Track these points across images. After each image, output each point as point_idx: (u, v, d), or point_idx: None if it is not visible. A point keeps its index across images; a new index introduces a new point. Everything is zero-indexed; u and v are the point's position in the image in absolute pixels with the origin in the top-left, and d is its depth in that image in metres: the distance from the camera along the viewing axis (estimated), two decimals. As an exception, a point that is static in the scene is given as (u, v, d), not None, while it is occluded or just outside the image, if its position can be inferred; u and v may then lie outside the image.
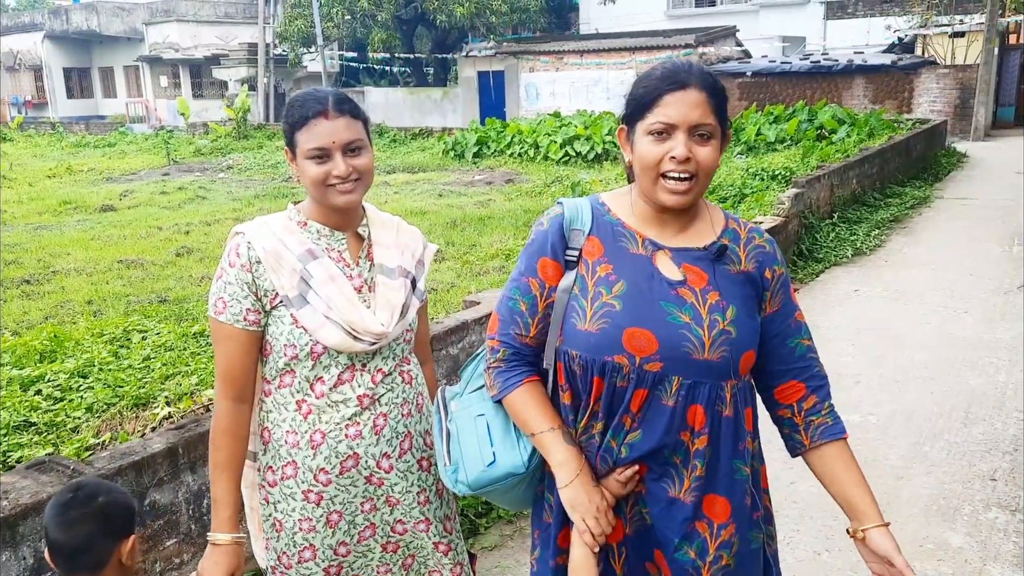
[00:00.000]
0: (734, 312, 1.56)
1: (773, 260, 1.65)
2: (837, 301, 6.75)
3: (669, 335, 1.53)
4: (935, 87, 20.39)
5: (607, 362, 1.54)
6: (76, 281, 7.28)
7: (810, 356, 1.67)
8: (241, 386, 1.82)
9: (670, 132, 1.53)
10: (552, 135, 15.93)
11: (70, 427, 3.73)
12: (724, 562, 1.59)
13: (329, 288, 1.79)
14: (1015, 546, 3.23)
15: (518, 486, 1.67)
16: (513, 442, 1.65)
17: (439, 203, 11.14)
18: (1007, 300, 6.61)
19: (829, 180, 9.24)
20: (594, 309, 1.57)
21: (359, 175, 1.80)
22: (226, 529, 1.81)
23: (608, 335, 1.54)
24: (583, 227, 1.64)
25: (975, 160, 15.36)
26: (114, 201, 12.31)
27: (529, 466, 1.63)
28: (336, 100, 1.79)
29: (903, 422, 4.38)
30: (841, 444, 1.65)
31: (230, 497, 1.82)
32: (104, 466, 2.32)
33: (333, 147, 1.76)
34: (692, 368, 1.53)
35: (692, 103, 1.52)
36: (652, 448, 1.56)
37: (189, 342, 5.03)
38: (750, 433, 1.63)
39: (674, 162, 1.51)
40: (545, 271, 1.64)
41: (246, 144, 20.92)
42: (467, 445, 1.67)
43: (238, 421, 1.83)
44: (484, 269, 7.22)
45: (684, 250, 1.61)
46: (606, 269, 1.60)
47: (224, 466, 1.82)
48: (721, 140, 1.57)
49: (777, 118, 15.52)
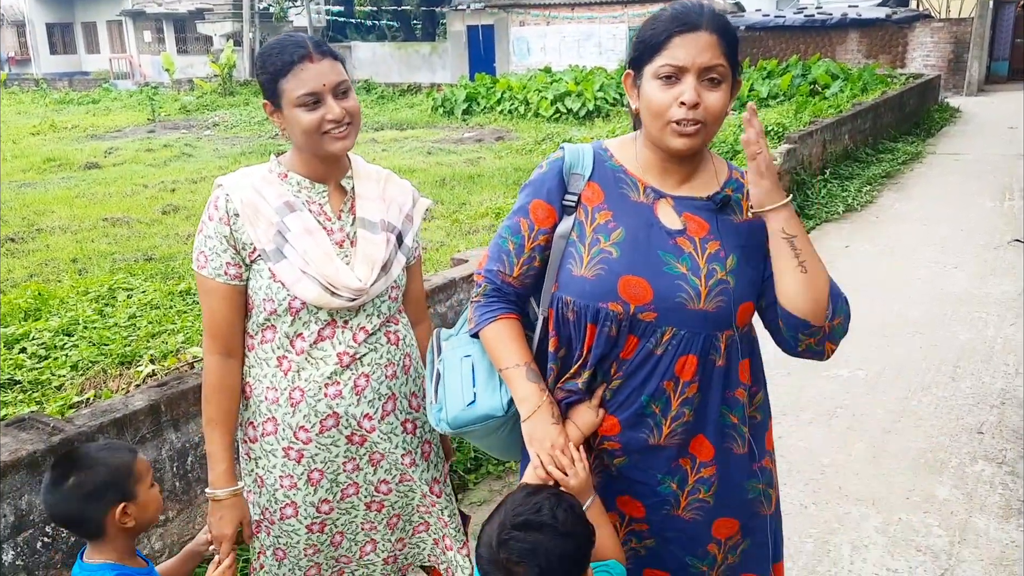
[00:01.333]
0: (734, 262, 1.53)
1: None
2: (827, 258, 6.72)
3: (665, 285, 1.51)
4: (929, 41, 20.20)
5: (601, 308, 1.52)
6: (61, 239, 7.20)
7: None
8: (228, 341, 1.79)
9: (679, 76, 1.47)
10: (543, 91, 15.72)
11: (55, 385, 3.70)
12: (701, 495, 1.60)
13: (306, 241, 1.74)
14: (1001, 498, 3.25)
15: (499, 430, 1.66)
16: (495, 385, 1.63)
17: (428, 161, 11.03)
18: (998, 255, 6.60)
19: (821, 136, 9.17)
20: (591, 255, 1.54)
21: (351, 118, 1.74)
22: (224, 483, 1.79)
23: (603, 281, 1.52)
24: (583, 172, 1.60)
25: (968, 115, 15.28)
26: (99, 158, 12.14)
27: (508, 411, 1.61)
28: (316, 43, 1.72)
29: (892, 377, 4.39)
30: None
31: (225, 452, 1.80)
32: (85, 423, 2.29)
33: (324, 90, 1.69)
34: (687, 318, 1.51)
35: (703, 45, 1.45)
36: (630, 394, 1.55)
37: (175, 300, 4.98)
38: (743, 384, 1.60)
39: (683, 108, 1.46)
40: (536, 213, 1.61)
41: (232, 101, 20.60)
42: (451, 384, 1.67)
43: (228, 376, 1.80)
44: (474, 228, 7.16)
45: (686, 199, 1.58)
46: (605, 216, 1.57)
47: (217, 421, 1.80)
48: (732, 86, 1.52)
49: (770, 73, 15.37)
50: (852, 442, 3.71)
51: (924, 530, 3.06)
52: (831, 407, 4.05)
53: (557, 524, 1.39)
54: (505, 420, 1.63)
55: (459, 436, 1.70)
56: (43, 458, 2.15)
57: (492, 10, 26.30)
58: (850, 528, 3.09)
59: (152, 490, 1.68)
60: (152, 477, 1.70)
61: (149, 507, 1.67)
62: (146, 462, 1.70)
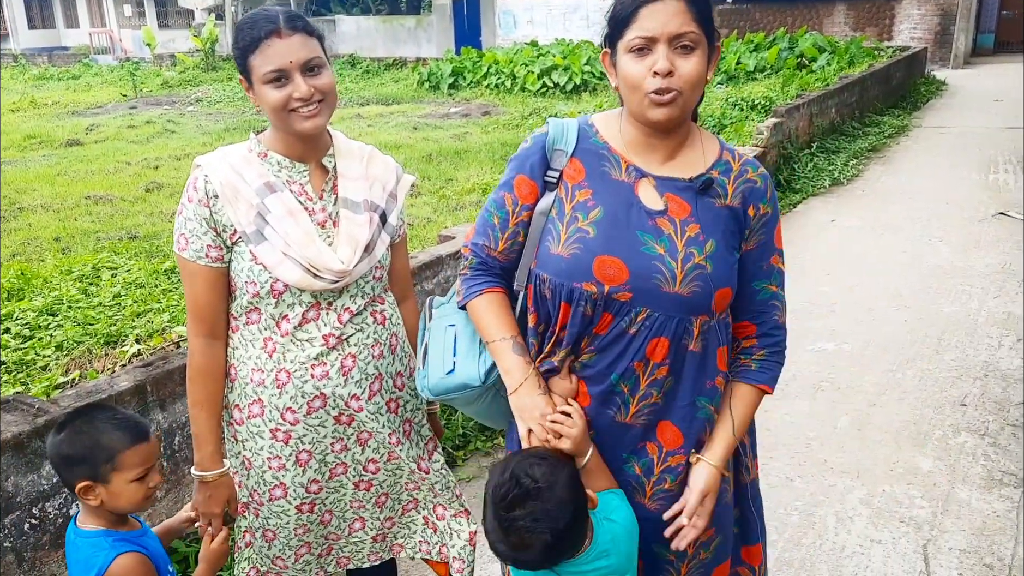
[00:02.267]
0: (713, 247, 1.52)
1: (761, 197, 1.58)
2: (814, 231, 6.75)
3: (641, 265, 1.49)
4: (916, 14, 20.12)
5: (575, 288, 1.52)
6: (43, 218, 7.12)
7: (771, 303, 1.62)
8: (212, 323, 1.77)
9: (651, 46, 1.46)
10: (529, 65, 15.61)
11: (39, 365, 3.68)
12: (667, 486, 1.60)
13: (287, 223, 1.71)
14: (983, 469, 3.29)
15: (480, 399, 1.68)
16: (475, 355, 1.65)
17: (414, 136, 10.95)
18: (982, 228, 6.64)
19: (808, 109, 9.15)
20: (568, 233, 1.53)
21: (322, 95, 1.69)
22: (211, 464, 1.79)
23: (579, 261, 1.51)
24: (566, 148, 1.59)
25: (954, 88, 15.28)
26: (80, 135, 12.00)
27: (485, 380, 1.62)
28: (288, 17, 1.68)
29: (877, 350, 4.42)
30: (748, 388, 1.62)
31: (212, 434, 1.80)
32: (70, 404, 2.28)
33: (291, 67, 1.65)
34: (661, 301, 1.49)
35: (670, 12, 1.44)
36: (600, 371, 1.55)
37: (160, 279, 4.95)
38: (722, 372, 1.59)
39: (657, 77, 1.45)
40: (520, 188, 1.61)
41: (215, 76, 20.37)
42: (433, 352, 1.69)
43: (212, 358, 1.79)
44: (460, 204, 7.13)
45: (669, 179, 1.56)
46: (585, 194, 1.55)
47: (202, 403, 1.79)
48: (709, 52, 1.50)
49: (757, 46, 15.30)
50: (837, 415, 3.75)
51: (907, 501, 3.10)
52: (816, 381, 4.08)
53: (540, 484, 1.42)
54: (483, 390, 1.65)
55: (443, 403, 1.74)
56: (28, 440, 2.14)
57: (478, -17, 25.98)
58: (835, 500, 3.13)
59: (132, 485, 1.60)
60: (146, 473, 1.62)
61: (120, 498, 1.60)
62: (145, 454, 1.62)
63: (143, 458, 1.61)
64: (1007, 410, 3.74)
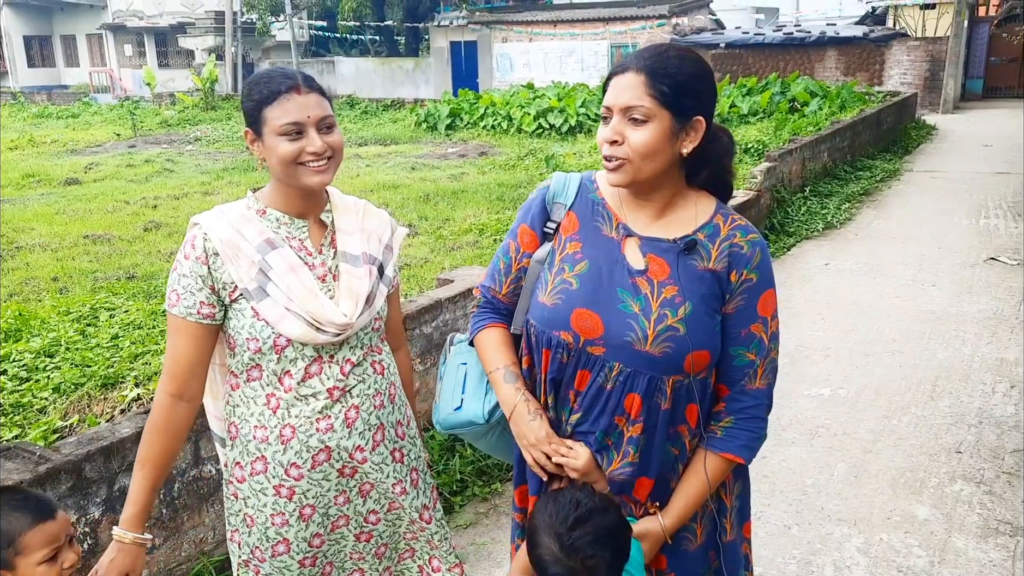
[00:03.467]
0: (688, 310, 1.53)
1: (746, 263, 1.57)
2: (808, 275, 6.81)
3: (615, 322, 1.55)
4: (906, 59, 20.51)
5: (553, 336, 1.61)
6: (41, 257, 7.14)
7: (746, 371, 1.61)
8: (184, 382, 1.75)
9: (609, 116, 1.57)
10: (525, 107, 15.83)
11: (37, 408, 3.67)
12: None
13: (289, 279, 1.73)
14: (979, 517, 3.30)
15: (487, 435, 1.78)
16: (481, 395, 1.75)
17: (412, 176, 11.04)
18: (974, 273, 6.71)
19: (801, 153, 9.28)
20: (554, 284, 1.63)
21: (332, 153, 1.74)
22: (132, 527, 1.73)
23: (558, 311, 1.61)
24: (565, 201, 1.70)
25: (944, 132, 15.51)
26: (79, 174, 12.06)
27: (489, 419, 1.72)
28: (305, 77, 1.74)
29: (872, 395, 4.44)
30: (711, 456, 1.62)
31: (143, 496, 1.74)
32: (72, 451, 2.28)
33: (308, 122, 1.69)
34: (632, 358, 1.55)
35: (624, 86, 1.54)
36: (587, 429, 1.63)
37: (158, 320, 4.95)
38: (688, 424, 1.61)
39: (606, 145, 1.56)
40: (522, 237, 1.73)
41: (214, 115, 20.57)
42: (446, 388, 1.82)
43: (174, 419, 1.75)
44: (458, 244, 7.18)
45: (654, 240, 1.61)
46: (575, 247, 1.65)
47: (147, 463, 1.74)
48: (680, 124, 1.52)
49: (750, 90, 15.55)
50: (834, 462, 3.76)
51: (905, 550, 3.10)
52: (813, 427, 4.10)
53: (597, 504, 1.51)
54: (487, 428, 1.75)
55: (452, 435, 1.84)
56: (30, 488, 2.14)
57: (475, 27, 26.44)
58: (832, 548, 3.13)
59: (42, 567, 1.50)
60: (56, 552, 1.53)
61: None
62: (50, 533, 1.52)
63: (48, 538, 1.52)
64: (1002, 457, 3.75)
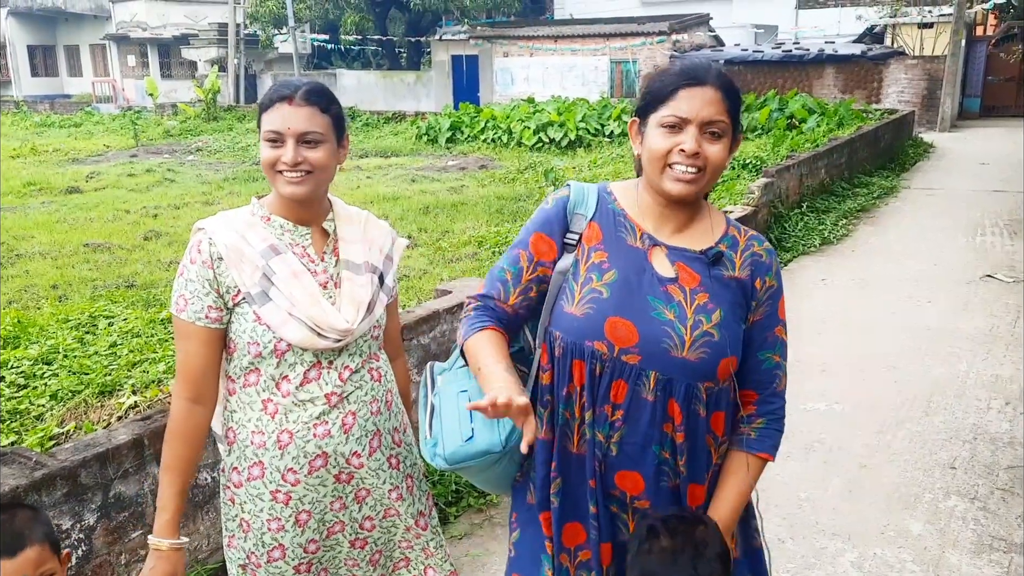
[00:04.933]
0: (721, 316, 1.58)
1: (767, 271, 1.65)
2: (805, 291, 6.84)
3: (651, 330, 1.55)
4: (903, 77, 20.63)
5: (587, 347, 1.57)
6: (41, 265, 7.15)
7: (775, 372, 1.68)
8: (199, 386, 1.78)
9: (682, 126, 1.55)
10: (526, 121, 15.88)
11: (34, 415, 3.68)
12: None
13: (292, 284, 1.76)
14: (973, 533, 3.31)
15: (495, 465, 1.66)
16: (493, 421, 1.62)
17: (412, 188, 11.08)
18: (970, 290, 6.73)
19: (799, 170, 9.33)
20: (582, 293, 1.60)
21: (310, 168, 1.75)
22: (167, 534, 1.76)
23: (591, 320, 1.57)
24: (586, 212, 1.67)
25: (941, 150, 15.59)
26: (80, 183, 12.09)
27: (506, 445, 1.61)
28: (307, 90, 1.76)
29: (868, 411, 4.46)
30: (749, 457, 1.66)
31: (175, 501, 1.77)
32: (68, 458, 2.30)
33: (287, 133, 1.73)
34: (669, 365, 1.55)
35: (707, 100, 1.54)
36: (639, 443, 1.58)
37: (157, 328, 4.96)
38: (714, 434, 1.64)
39: (683, 155, 1.54)
40: (537, 246, 1.67)
41: (216, 126, 20.62)
42: (448, 419, 1.66)
43: (193, 424, 1.78)
44: (457, 256, 7.19)
45: (680, 249, 1.63)
46: (601, 256, 1.62)
47: (172, 468, 1.77)
48: (732, 142, 1.59)
49: (749, 107, 15.60)
50: (829, 477, 3.77)
51: (899, 565, 3.11)
52: (808, 441, 4.11)
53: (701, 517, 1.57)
54: (501, 455, 1.62)
55: (454, 472, 1.69)
56: (25, 494, 2.15)
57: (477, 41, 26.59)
58: (827, 563, 3.13)
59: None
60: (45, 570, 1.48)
61: None
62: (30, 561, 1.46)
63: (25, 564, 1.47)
64: (996, 474, 3.76)
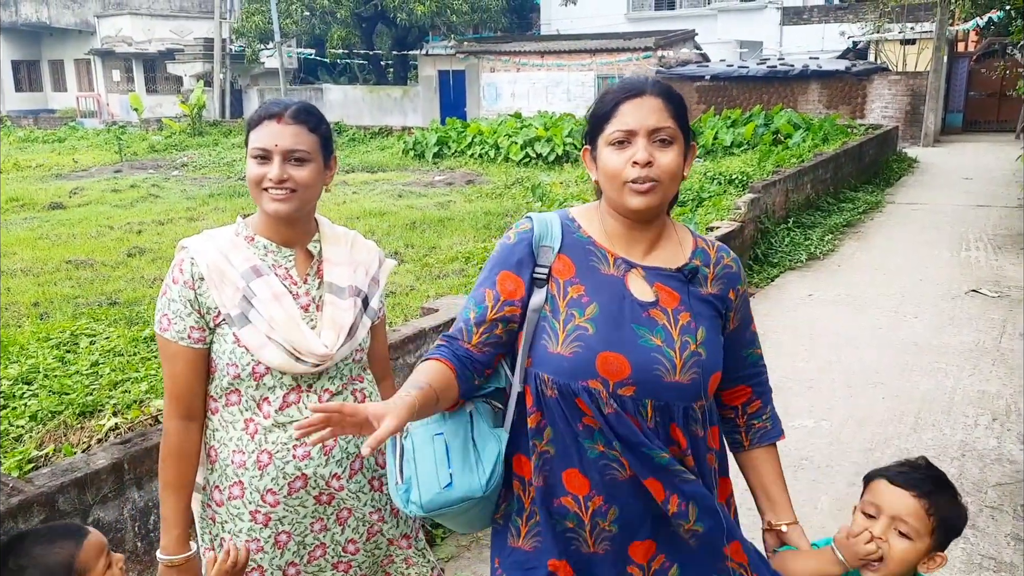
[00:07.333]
0: (704, 333, 1.58)
1: (737, 280, 1.69)
2: (791, 306, 6.84)
3: (641, 359, 1.52)
4: (887, 93, 20.84)
5: (582, 387, 1.51)
6: (22, 282, 7.07)
7: (760, 364, 1.76)
8: (189, 404, 1.78)
9: (630, 139, 1.53)
10: (513, 136, 15.91)
11: (13, 436, 3.61)
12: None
13: (272, 307, 1.74)
14: (963, 552, 3.29)
15: (473, 509, 1.59)
16: (472, 465, 1.55)
17: (398, 204, 11.05)
18: (956, 305, 6.76)
19: (784, 185, 9.38)
20: (567, 332, 1.54)
21: (296, 187, 1.74)
22: (178, 549, 1.78)
23: (582, 359, 1.52)
24: (553, 244, 1.61)
25: (925, 165, 15.73)
26: (63, 199, 11.99)
27: (487, 490, 1.55)
28: (296, 109, 1.76)
29: (855, 427, 4.45)
30: (773, 447, 1.78)
31: (180, 517, 1.79)
32: (45, 483, 2.24)
33: (274, 150, 1.72)
34: (663, 391, 1.53)
35: (649, 108, 1.53)
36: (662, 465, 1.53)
37: (139, 347, 4.90)
38: (713, 450, 1.64)
39: (636, 167, 1.51)
40: (504, 285, 1.60)
41: (201, 141, 20.55)
42: (423, 465, 1.55)
43: (187, 441, 1.78)
44: (443, 272, 7.17)
45: (656, 269, 1.61)
46: (578, 290, 1.57)
47: (173, 487, 1.78)
48: (685, 148, 1.57)
49: (734, 122, 15.70)
50: (818, 495, 3.75)
51: (888, 585, 3.08)
52: (797, 459, 4.09)
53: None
54: (482, 499, 1.56)
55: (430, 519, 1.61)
56: (2, 521, 2.10)
57: (463, 56, 26.66)
58: (816, 583, 3.10)
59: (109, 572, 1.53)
60: (107, 554, 1.53)
61: None
62: (97, 542, 1.52)
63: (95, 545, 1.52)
64: (984, 491, 3.76)
